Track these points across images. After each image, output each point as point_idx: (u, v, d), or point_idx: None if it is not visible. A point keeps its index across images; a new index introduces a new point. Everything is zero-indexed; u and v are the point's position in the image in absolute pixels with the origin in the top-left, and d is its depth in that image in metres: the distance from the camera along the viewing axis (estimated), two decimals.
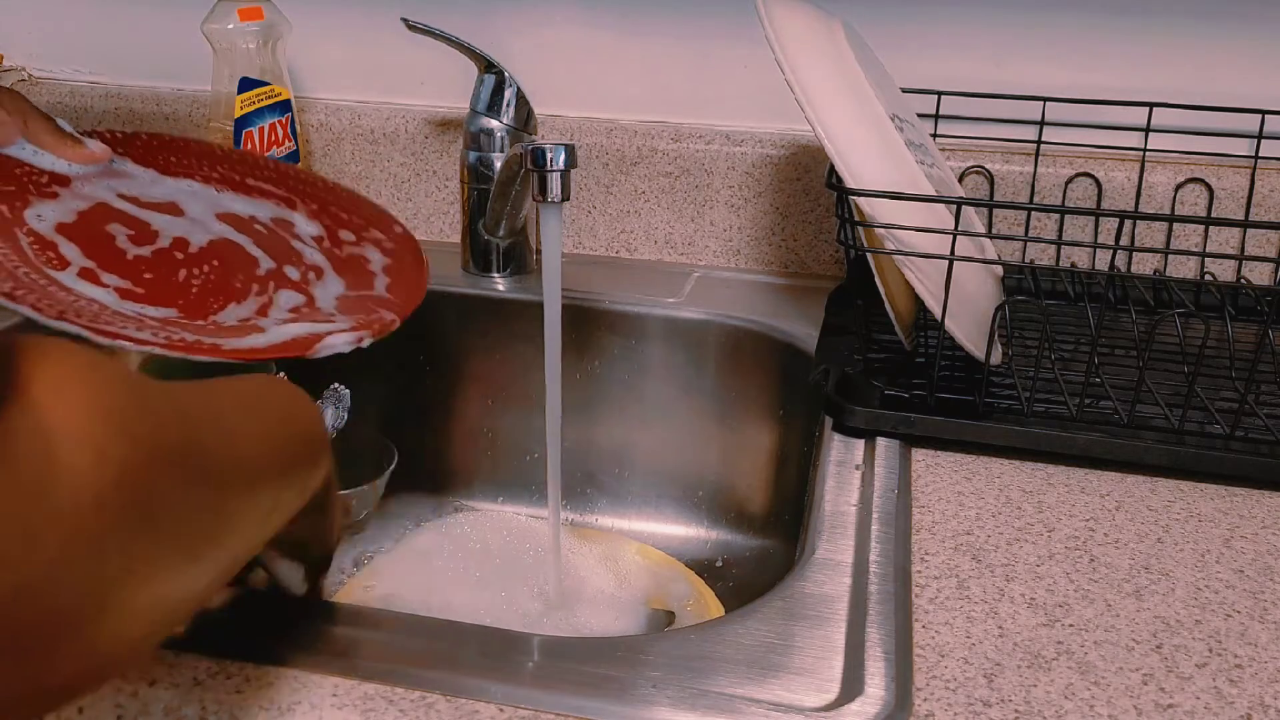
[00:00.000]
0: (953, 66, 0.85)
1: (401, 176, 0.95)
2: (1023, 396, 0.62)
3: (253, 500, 0.35)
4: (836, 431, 0.62)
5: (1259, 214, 0.81)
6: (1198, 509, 0.55)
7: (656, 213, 0.91)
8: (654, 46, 0.90)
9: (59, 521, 0.25)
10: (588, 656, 0.43)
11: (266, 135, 0.86)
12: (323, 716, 0.39)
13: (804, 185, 0.87)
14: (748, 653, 0.44)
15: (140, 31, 0.99)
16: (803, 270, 0.90)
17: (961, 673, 0.42)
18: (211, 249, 0.57)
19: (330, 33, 0.95)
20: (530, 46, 0.91)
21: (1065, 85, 0.83)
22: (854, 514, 0.54)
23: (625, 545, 0.82)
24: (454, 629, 0.45)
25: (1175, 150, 0.83)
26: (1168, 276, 0.81)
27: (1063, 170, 0.84)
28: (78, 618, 0.26)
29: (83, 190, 0.56)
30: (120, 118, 0.98)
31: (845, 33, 0.65)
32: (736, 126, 0.89)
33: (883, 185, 0.59)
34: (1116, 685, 0.42)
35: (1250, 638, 0.45)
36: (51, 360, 0.27)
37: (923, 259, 0.59)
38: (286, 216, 0.63)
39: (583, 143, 0.90)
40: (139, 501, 0.27)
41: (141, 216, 0.57)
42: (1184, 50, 0.82)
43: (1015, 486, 0.56)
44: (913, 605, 0.46)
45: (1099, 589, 0.48)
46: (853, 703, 0.41)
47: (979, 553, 0.50)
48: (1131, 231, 0.83)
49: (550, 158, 0.65)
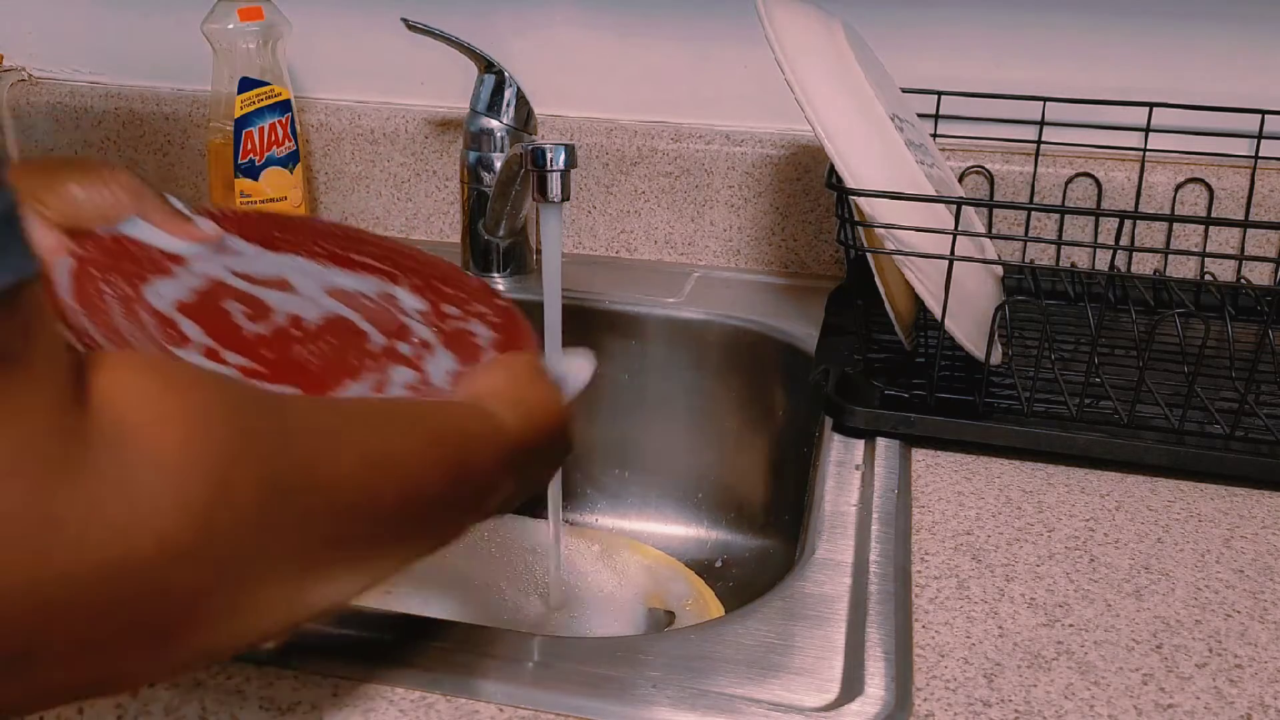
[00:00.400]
0: (953, 66, 0.85)
1: (401, 176, 0.95)
2: (1023, 396, 0.62)
3: (388, 536, 0.35)
4: (836, 431, 0.62)
5: (1259, 214, 0.81)
6: (1198, 509, 0.55)
7: (656, 213, 0.91)
8: (654, 46, 0.90)
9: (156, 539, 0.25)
10: (588, 656, 0.43)
11: (266, 135, 0.86)
12: (323, 716, 0.39)
13: (804, 185, 0.87)
14: (748, 653, 0.44)
15: (140, 31, 0.99)
16: (803, 270, 0.90)
17: (961, 673, 0.42)
18: (326, 326, 0.57)
19: (330, 33, 0.95)
20: (530, 47, 0.91)
21: (1065, 85, 0.83)
22: (854, 514, 0.54)
23: (625, 545, 0.82)
24: (454, 629, 0.45)
25: (1175, 150, 0.83)
26: (1168, 276, 0.81)
27: (1063, 170, 0.84)
28: (165, 626, 0.26)
29: (197, 267, 0.56)
30: (120, 118, 0.98)
31: (845, 33, 0.65)
32: (736, 126, 0.89)
33: (883, 185, 0.59)
34: (1116, 685, 0.42)
35: (1250, 638, 0.45)
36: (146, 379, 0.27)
37: (923, 259, 0.59)
38: (391, 291, 0.63)
39: (583, 143, 0.90)
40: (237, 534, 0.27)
41: (256, 294, 0.57)
42: (1184, 50, 0.82)
43: (1015, 486, 0.56)
44: (913, 605, 0.46)
45: (1099, 589, 0.48)
46: (853, 703, 0.41)
47: (979, 553, 0.50)
48: (1131, 231, 0.83)
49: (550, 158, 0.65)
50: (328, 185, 0.97)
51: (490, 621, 0.70)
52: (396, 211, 0.96)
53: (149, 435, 0.25)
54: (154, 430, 0.25)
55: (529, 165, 0.66)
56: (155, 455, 0.25)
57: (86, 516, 0.23)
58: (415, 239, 0.96)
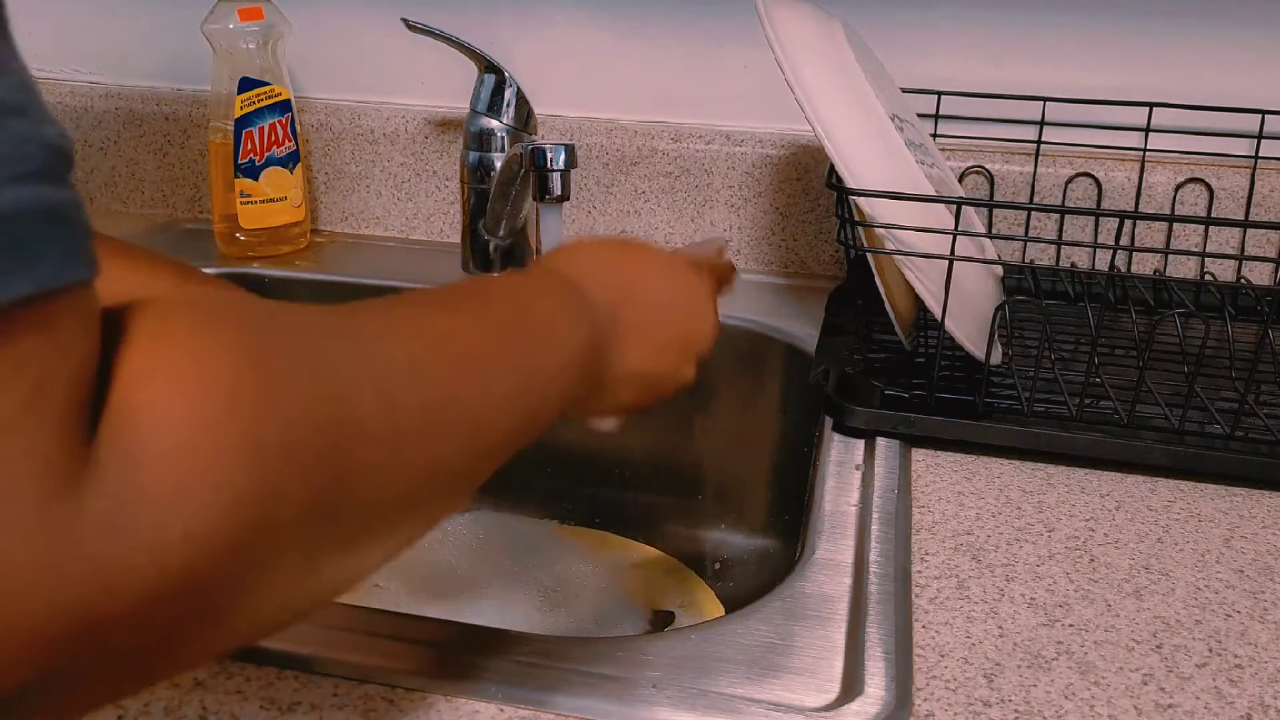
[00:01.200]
0: (953, 66, 0.85)
1: (401, 176, 0.95)
2: (1023, 396, 0.62)
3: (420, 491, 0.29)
4: (836, 431, 0.62)
5: (1259, 214, 0.81)
6: (1198, 509, 0.55)
7: (656, 213, 0.91)
8: (654, 46, 0.90)
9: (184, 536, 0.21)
10: (588, 656, 0.43)
11: (266, 135, 0.86)
12: (323, 716, 0.39)
13: (804, 185, 0.87)
14: (748, 653, 0.44)
15: (140, 31, 0.99)
16: (803, 270, 0.90)
17: (961, 673, 0.42)
18: None
19: (330, 33, 0.95)
20: (530, 47, 0.91)
21: (1065, 85, 0.83)
22: (854, 514, 0.54)
23: (625, 545, 0.82)
24: (454, 629, 0.45)
25: (1175, 150, 0.83)
26: (1168, 276, 0.81)
27: (1063, 170, 0.84)
28: (203, 616, 0.23)
29: None
30: (120, 118, 0.98)
31: (845, 33, 0.65)
32: (736, 126, 0.89)
33: (883, 185, 0.59)
34: (1116, 685, 0.42)
35: (1250, 638, 0.45)
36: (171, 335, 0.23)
37: (923, 259, 0.59)
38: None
39: (583, 143, 0.90)
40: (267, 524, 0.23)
41: None
42: (1184, 50, 0.82)
43: (1015, 486, 0.56)
44: (913, 605, 0.46)
45: (1099, 589, 0.48)
46: (853, 703, 0.41)
47: (979, 553, 0.50)
48: (1131, 231, 0.83)
49: (550, 158, 0.65)
50: (328, 185, 0.97)
51: (489, 622, 0.70)
52: (396, 211, 0.96)
53: (157, 419, 0.21)
54: (169, 406, 0.21)
55: (529, 165, 0.66)
56: (167, 444, 0.21)
57: (96, 542, 0.21)
58: (415, 239, 0.96)
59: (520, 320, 0.36)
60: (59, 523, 0.20)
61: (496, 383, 0.32)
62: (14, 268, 0.20)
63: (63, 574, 0.20)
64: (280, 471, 0.23)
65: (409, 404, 0.28)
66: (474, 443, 0.31)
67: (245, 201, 0.86)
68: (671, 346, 0.45)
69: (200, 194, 0.99)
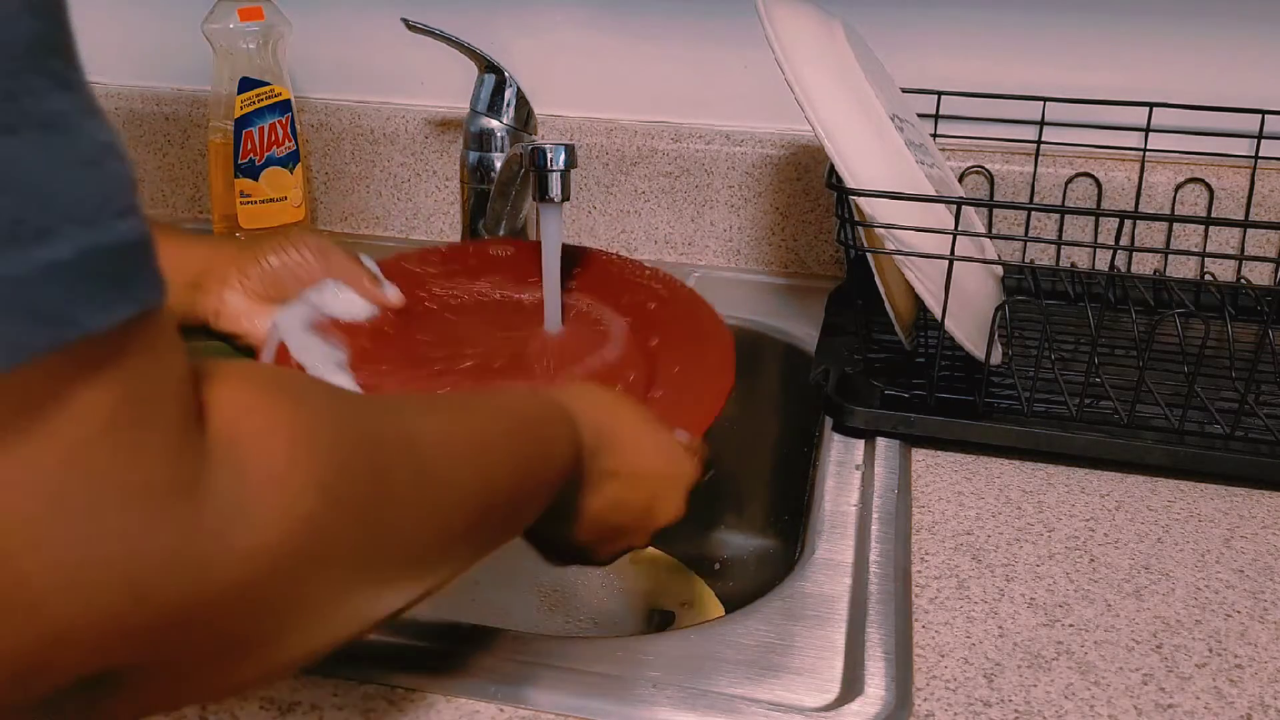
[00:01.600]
0: (953, 66, 0.85)
1: (401, 176, 0.95)
2: (1023, 396, 0.62)
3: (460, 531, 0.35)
4: (836, 431, 0.62)
5: (1259, 214, 0.81)
6: (1198, 509, 0.55)
7: (656, 213, 0.91)
8: (654, 46, 0.90)
9: (240, 559, 0.25)
10: (588, 656, 0.43)
11: (266, 135, 0.86)
12: (323, 716, 0.39)
13: (804, 185, 0.87)
14: (748, 653, 0.44)
15: (140, 31, 0.99)
16: (803, 270, 0.90)
17: (961, 673, 0.42)
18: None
19: (330, 33, 0.95)
20: (531, 47, 0.91)
21: (1065, 85, 0.83)
22: (854, 514, 0.54)
23: None
24: (454, 629, 0.45)
25: (1175, 150, 0.83)
26: (1168, 276, 0.81)
27: (1063, 170, 0.84)
28: (251, 641, 0.27)
29: (390, 330, 0.60)
30: (120, 118, 0.98)
31: (845, 33, 0.65)
32: (736, 126, 0.89)
33: (883, 185, 0.59)
34: (1116, 685, 0.42)
35: (1250, 638, 0.45)
36: (255, 389, 0.27)
37: (923, 259, 0.59)
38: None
39: (583, 143, 0.90)
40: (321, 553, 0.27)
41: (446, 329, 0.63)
42: (1184, 50, 0.82)
43: (1015, 486, 0.56)
44: (913, 605, 0.46)
45: (1099, 589, 0.48)
46: (853, 703, 0.41)
47: (979, 553, 0.50)
48: (1131, 231, 0.83)
49: (550, 158, 0.64)
50: (328, 185, 0.97)
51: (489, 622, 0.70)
52: (396, 211, 0.96)
53: (259, 447, 0.26)
54: (263, 441, 0.26)
55: (529, 165, 0.65)
56: (267, 467, 0.26)
57: (210, 539, 0.24)
58: (415, 239, 0.96)
59: (526, 430, 0.41)
60: (181, 519, 0.23)
61: (501, 467, 0.38)
62: (119, 294, 0.22)
63: (179, 562, 0.23)
64: (333, 506, 0.27)
65: (433, 472, 0.33)
66: (478, 516, 0.36)
67: (245, 201, 0.86)
68: (632, 508, 0.48)
69: (200, 194, 0.99)
